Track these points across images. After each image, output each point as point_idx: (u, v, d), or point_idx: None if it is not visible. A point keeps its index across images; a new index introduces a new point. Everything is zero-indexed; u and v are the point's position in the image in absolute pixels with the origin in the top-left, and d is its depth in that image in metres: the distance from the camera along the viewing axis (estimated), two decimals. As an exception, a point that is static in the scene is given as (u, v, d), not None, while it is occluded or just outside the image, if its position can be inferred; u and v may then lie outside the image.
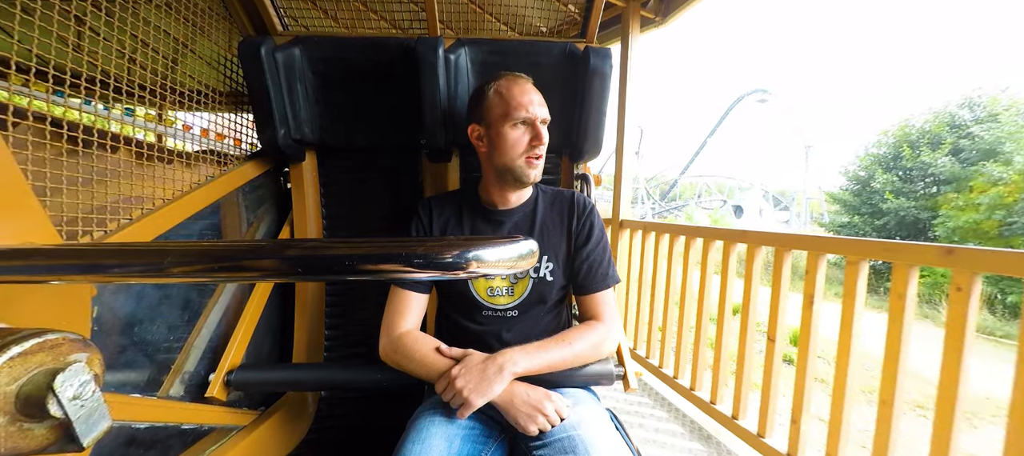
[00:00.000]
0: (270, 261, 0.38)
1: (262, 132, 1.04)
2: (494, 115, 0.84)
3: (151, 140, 0.87)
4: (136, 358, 0.74)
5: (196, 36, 0.97)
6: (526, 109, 0.82)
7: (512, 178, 0.85)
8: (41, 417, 0.30)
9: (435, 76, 0.98)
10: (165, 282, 0.78)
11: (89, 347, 0.34)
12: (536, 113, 0.83)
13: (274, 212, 1.15)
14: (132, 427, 0.71)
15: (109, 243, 0.67)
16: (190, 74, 0.95)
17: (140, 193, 0.77)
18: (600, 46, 1.04)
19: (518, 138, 0.82)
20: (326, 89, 1.05)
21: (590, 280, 0.88)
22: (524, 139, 0.82)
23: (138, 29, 0.79)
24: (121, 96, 0.74)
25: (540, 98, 0.86)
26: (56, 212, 0.61)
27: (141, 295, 0.75)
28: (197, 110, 0.96)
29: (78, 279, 0.41)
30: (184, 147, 0.99)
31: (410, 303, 0.85)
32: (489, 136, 0.85)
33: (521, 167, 0.83)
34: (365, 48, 1.05)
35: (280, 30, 1.05)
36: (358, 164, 1.16)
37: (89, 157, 0.69)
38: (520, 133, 0.82)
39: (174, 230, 0.82)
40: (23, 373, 0.30)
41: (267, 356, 1.05)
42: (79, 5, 0.68)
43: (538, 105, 0.84)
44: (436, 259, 0.34)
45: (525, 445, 0.75)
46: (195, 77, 0.96)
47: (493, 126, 0.84)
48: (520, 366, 0.75)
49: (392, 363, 0.83)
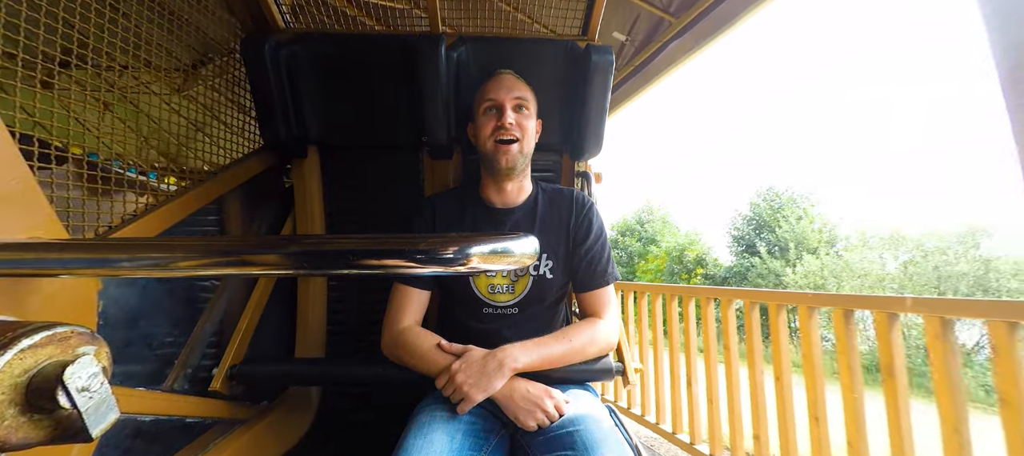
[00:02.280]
0: (273, 256, 0.38)
1: (265, 128, 1.05)
2: (475, 111, 0.91)
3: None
4: (141, 352, 0.75)
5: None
6: (494, 93, 0.87)
7: (488, 164, 0.89)
8: (51, 408, 0.30)
9: (437, 73, 0.99)
10: (170, 276, 0.79)
11: (97, 340, 0.34)
12: (503, 96, 0.87)
13: (277, 208, 1.16)
14: (137, 419, 0.72)
15: (115, 238, 0.68)
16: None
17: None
18: (601, 43, 1.04)
19: (486, 122, 0.88)
20: (328, 86, 1.05)
21: (590, 277, 0.88)
22: (491, 123, 0.87)
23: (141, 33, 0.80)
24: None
25: (514, 83, 0.89)
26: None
27: (145, 290, 0.76)
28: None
29: (86, 273, 0.42)
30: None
31: (412, 299, 0.86)
32: (475, 130, 0.91)
33: (490, 152, 0.87)
34: (367, 45, 1.05)
35: (282, 27, 1.05)
36: (360, 160, 1.16)
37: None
38: (489, 118, 0.88)
39: (177, 226, 0.82)
40: (33, 365, 0.30)
41: (270, 351, 1.05)
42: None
43: (507, 89, 0.88)
44: (437, 255, 0.35)
45: (525, 440, 0.75)
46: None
47: (475, 121, 0.91)
48: (520, 362, 0.75)
49: (393, 358, 0.83)
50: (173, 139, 0.89)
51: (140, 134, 0.81)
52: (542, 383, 0.77)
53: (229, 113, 1.08)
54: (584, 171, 1.18)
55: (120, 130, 0.76)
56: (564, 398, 0.76)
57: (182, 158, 0.90)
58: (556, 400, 0.75)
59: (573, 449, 0.67)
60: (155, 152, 0.84)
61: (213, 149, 0.99)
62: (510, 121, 0.86)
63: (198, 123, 0.97)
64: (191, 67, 1.01)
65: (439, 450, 0.68)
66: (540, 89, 0.96)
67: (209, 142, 0.99)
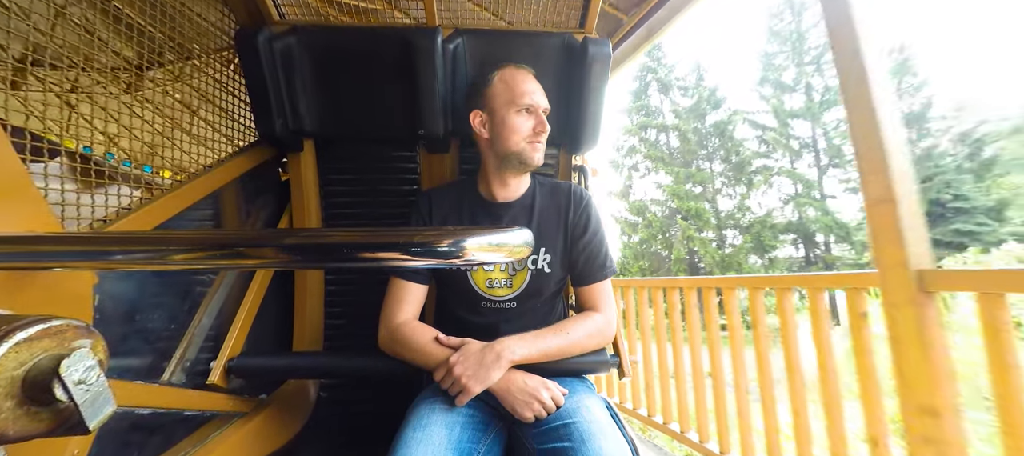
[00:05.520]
0: (270, 249, 0.38)
1: (260, 122, 1.04)
2: (499, 102, 0.86)
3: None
4: (138, 345, 0.75)
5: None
6: (531, 96, 0.86)
7: (516, 162, 0.87)
8: (47, 401, 0.30)
9: (433, 66, 0.98)
10: (166, 269, 0.79)
11: (93, 333, 0.34)
12: (539, 101, 0.87)
13: (273, 202, 1.16)
14: (136, 412, 0.72)
15: (109, 232, 0.68)
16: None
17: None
18: (599, 37, 1.03)
19: (522, 123, 0.85)
20: (324, 79, 1.05)
21: (587, 271, 0.89)
22: (528, 124, 0.86)
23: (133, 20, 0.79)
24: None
25: (541, 89, 0.89)
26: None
27: (142, 283, 0.76)
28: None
29: (81, 266, 0.42)
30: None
31: (409, 294, 0.86)
32: (492, 122, 0.87)
33: (526, 151, 0.86)
34: (363, 38, 1.04)
35: (277, 19, 1.04)
36: (356, 154, 1.16)
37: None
38: (524, 119, 0.86)
39: (173, 220, 0.82)
40: (29, 358, 0.30)
41: (268, 344, 1.06)
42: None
43: (541, 94, 0.88)
44: (432, 248, 0.35)
45: (523, 432, 0.76)
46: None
47: (497, 113, 0.86)
48: (517, 354, 0.76)
49: (391, 353, 0.84)
50: (168, 133, 0.88)
51: (134, 127, 0.80)
52: (539, 376, 0.78)
53: (226, 106, 1.07)
54: (581, 165, 1.18)
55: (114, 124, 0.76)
56: (562, 390, 0.77)
57: (178, 152, 0.89)
58: (553, 392, 0.76)
59: (570, 440, 0.68)
60: (150, 146, 0.83)
61: (209, 143, 0.98)
62: (548, 128, 0.87)
63: (194, 116, 0.96)
64: (186, 59, 1.00)
65: (438, 443, 0.69)
66: (538, 81, 0.96)
67: (205, 136, 0.99)
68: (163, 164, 0.85)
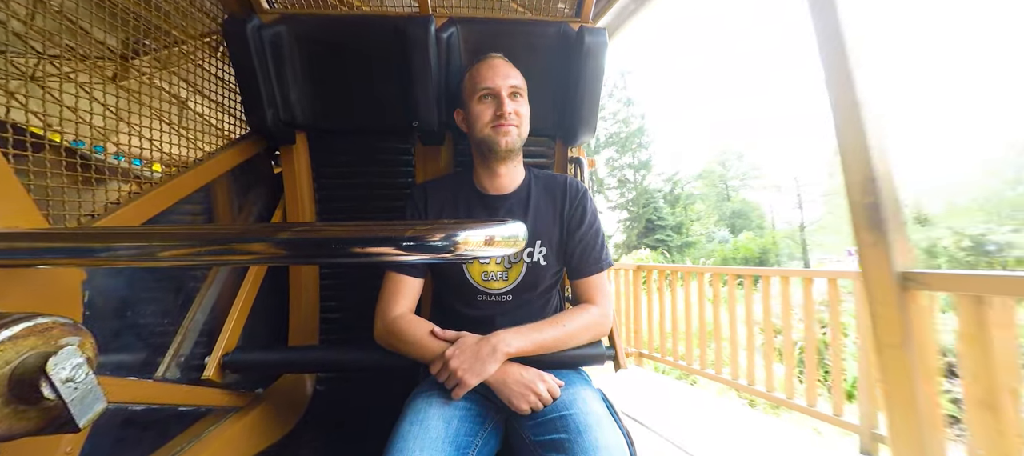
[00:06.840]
0: (261, 244, 0.37)
1: (250, 114, 1.02)
2: (466, 95, 0.89)
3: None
4: (131, 341, 0.74)
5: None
6: (490, 80, 0.86)
7: (487, 149, 0.87)
8: (35, 400, 0.30)
9: (426, 56, 0.96)
10: (153, 266, 0.77)
11: (80, 331, 0.34)
12: (499, 83, 0.86)
13: (266, 196, 1.14)
14: (129, 409, 0.71)
15: (96, 227, 0.66)
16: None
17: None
18: (595, 26, 1.02)
19: (483, 110, 0.86)
20: (315, 69, 1.03)
21: (583, 263, 0.89)
22: (489, 110, 0.86)
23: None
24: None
25: (508, 70, 0.88)
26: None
27: (134, 279, 0.74)
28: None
29: (64, 263, 0.41)
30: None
31: (404, 287, 0.86)
32: (467, 117, 0.89)
33: (490, 136, 0.86)
34: (354, 27, 1.02)
35: (266, 8, 1.02)
36: (350, 146, 1.14)
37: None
38: (485, 105, 0.86)
39: (163, 214, 0.81)
40: (14, 357, 0.30)
41: (262, 339, 1.05)
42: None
43: (503, 76, 0.87)
44: (426, 242, 0.35)
45: (520, 425, 0.77)
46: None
47: (466, 105, 0.89)
48: (513, 346, 0.76)
49: (387, 346, 0.83)
50: (157, 125, 0.86)
51: (122, 119, 0.78)
52: (535, 368, 0.78)
53: (216, 97, 1.05)
54: (577, 157, 1.17)
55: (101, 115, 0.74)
56: (558, 382, 0.77)
57: (167, 144, 0.87)
58: (549, 384, 0.76)
59: (566, 432, 0.68)
60: (139, 138, 0.81)
61: (199, 135, 0.97)
62: (510, 110, 0.84)
63: (183, 107, 0.94)
64: (172, 47, 0.98)
65: (435, 436, 0.69)
66: (532, 72, 0.94)
67: (195, 127, 0.97)
68: (152, 158, 0.84)
